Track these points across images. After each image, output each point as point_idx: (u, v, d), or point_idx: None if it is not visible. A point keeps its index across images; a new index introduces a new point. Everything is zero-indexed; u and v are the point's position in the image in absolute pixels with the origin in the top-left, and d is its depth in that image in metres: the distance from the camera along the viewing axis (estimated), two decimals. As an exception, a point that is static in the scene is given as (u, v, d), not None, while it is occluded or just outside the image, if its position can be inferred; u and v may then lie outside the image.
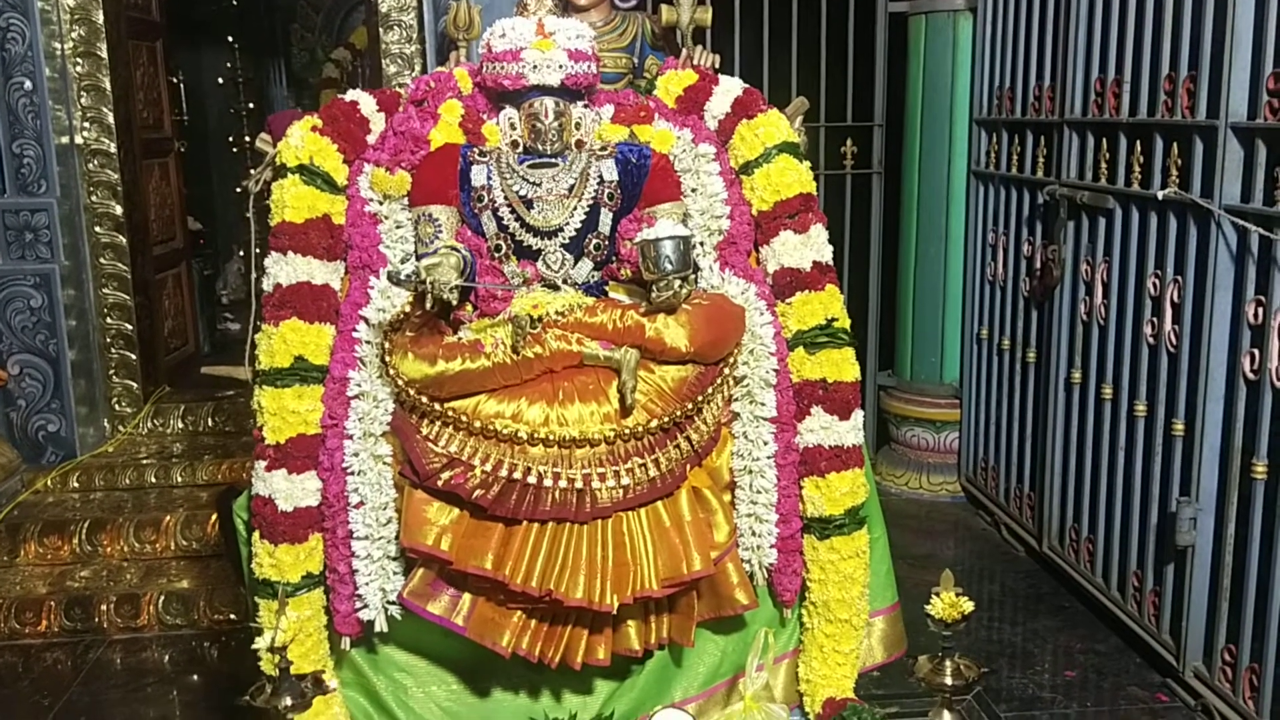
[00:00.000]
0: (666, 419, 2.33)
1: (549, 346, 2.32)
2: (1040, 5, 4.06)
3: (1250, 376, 2.92)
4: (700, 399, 2.39)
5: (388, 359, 2.36)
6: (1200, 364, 3.09)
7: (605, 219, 2.51)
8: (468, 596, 2.35)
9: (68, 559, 3.97)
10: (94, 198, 4.49)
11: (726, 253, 2.58)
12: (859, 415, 2.56)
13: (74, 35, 4.38)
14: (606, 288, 2.54)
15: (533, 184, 2.48)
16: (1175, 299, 3.23)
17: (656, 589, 2.31)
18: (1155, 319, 3.34)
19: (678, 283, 2.32)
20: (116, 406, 4.66)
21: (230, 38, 7.47)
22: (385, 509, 2.38)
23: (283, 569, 2.39)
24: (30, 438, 4.48)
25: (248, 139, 7.13)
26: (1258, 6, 2.87)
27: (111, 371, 4.62)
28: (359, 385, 2.39)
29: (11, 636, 3.71)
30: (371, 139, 2.56)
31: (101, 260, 4.54)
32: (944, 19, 4.68)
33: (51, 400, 4.47)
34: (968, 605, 2.20)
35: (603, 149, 2.54)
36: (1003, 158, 4.40)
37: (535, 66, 2.44)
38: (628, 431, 2.30)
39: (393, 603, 2.39)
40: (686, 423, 2.38)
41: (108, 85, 4.46)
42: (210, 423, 4.76)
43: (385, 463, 2.38)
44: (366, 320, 2.42)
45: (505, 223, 2.48)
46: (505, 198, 2.48)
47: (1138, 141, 3.41)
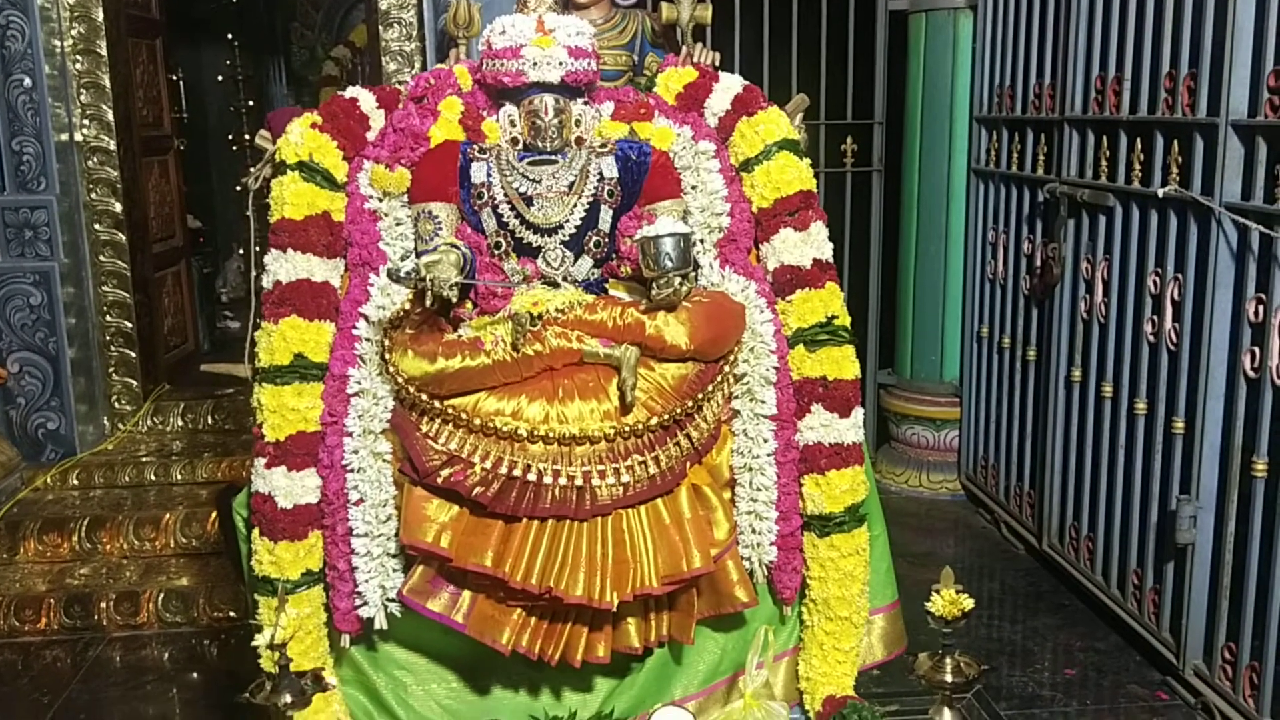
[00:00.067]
0: (666, 416, 2.33)
1: (549, 344, 2.32)
2: (1040, 3, 4.05)
3: (1250, 374, 2.91)
4: (700, 396, 2.39)
5: (387, 356, 2.36)
6: (1200, 362, 3.09)
7: (605, 216, 2.50)
8: (468, 594, 2.35)
9: (67, 556, 3.97)
10: (93, 195, 4.49)
11: (727, 250, 2.57)
12: (859, 413, 2.55)
13: (74, 33, 4.38)
14: (606, 285, 2.54)
15: (533, 181, 2.47)
16: (1175, 297, 3.23)
17: (656, 586, 2.31)
18: (1155, 317, 3.34)
19: (678, 280, 2.32)
20: (116, 404, 4.66)
21: (230, 35, 7.46)
22: (385, 506, 2.37)
23: (282, 566, 2.38)
24: (30, 435, 4.48)
25: (247, 137, 7.12)
26: (1258, 4, 2.87)
27: (111, 369, 4.62)
28: (359, 382, 2.39)
29: (11, 634, 3.71)
30: (371, 136, 2.55)
31: (101, 258, 4.54)
32: (944, 16, 4.67)
33: (51, 398, 4.47)
34: (968, 602, 2.20)
35: (603, 146, 2.54)
36: (1003, 155, 4.39)
37: (535, 63, 2.44)
38: (628, 429, 2.29)
39: (392, 600, 2.39)
40: (686, 420, 2.37)
41: (107, 82, 4.46)
42: (210, 421, 4.76)
43: (385, 460, 2.37)
44: (366, 317, 2.42)
45: (505, 220, 2.48)
46: (505, 195, 2.47)
47: (1138, 139, 3.40)
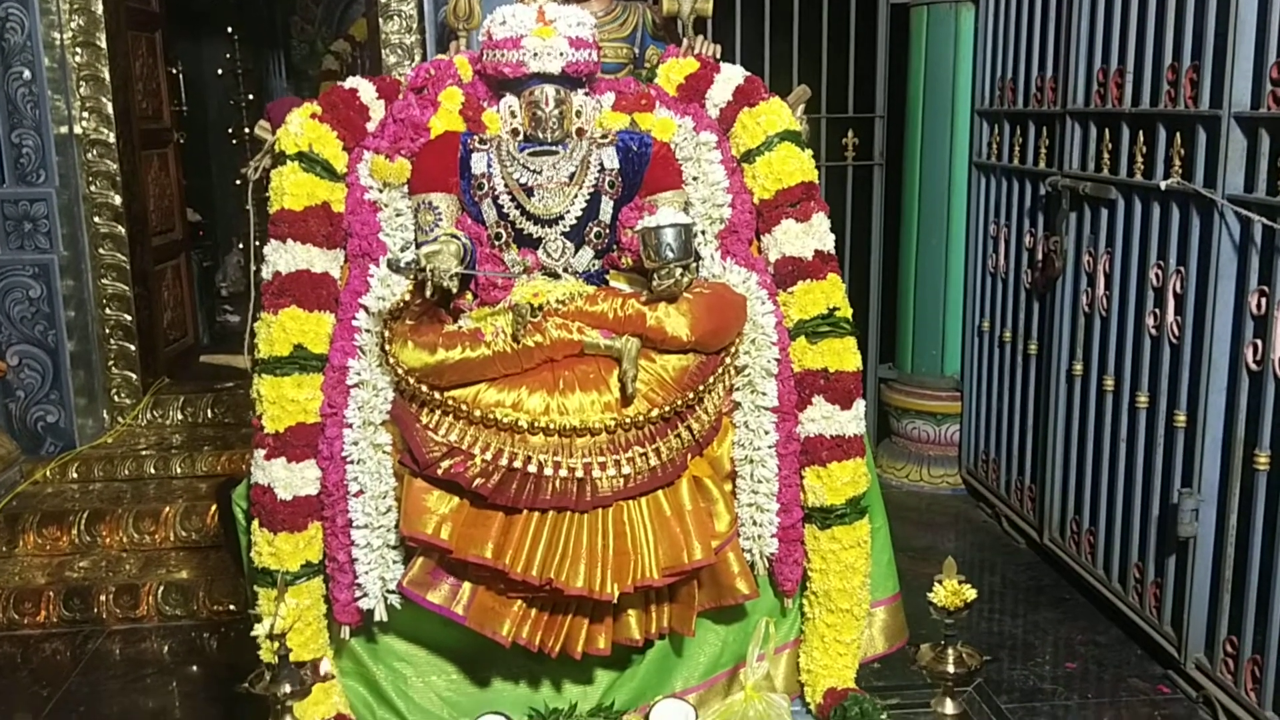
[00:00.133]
0: (667, 408, 2.32)
1: (549, 335, 2.31)
2: (1042, -4, 4.05)
3: (1253, 367, 2.91)
4: (701, 388, 2.38)
5: (387, 347, 2.35)
6: (1203, 355, 3.08)
7: (606, 207, 2.49)
8: (468, 585, 2.34)
9: (66, 550, 3.97)
10: (93, 188, 4.48)
11: (728, 241, 2.56)
12: (860, 405, 2.55)
13: (73, 25, 4.37)
14: (607, 276, 2.52)
15: (533, 172, 2.47)
16: (1178, 290, 3.22)
17: (657, 578, 2.31)
18: (1157, 310, 3.33)
19: (679, 271, 2.31)
20: (115, 398, 4.65)
21: (230, 29, 7.44)
22: (385, 498, 2.37)
23: (282, 558, 2.38)
24: (29, 429, 4.48)
25: (247, 131, 7.09)
26: (1261, -5, 2.86)
27: (110, 362, 4.62)
28: (358, 374, 2.38)
29: (10, 627, 3.71)
30: (371, 126, 2.54)
31: (100, 251, 4.54)
32: (946, 10, 4.66)
33: (50, 391, 4.46)
34: (970, 593, 2.19)
35: (603, 137, 2.53)
36: (1004, 149, 4.38)
37: (536, 54, 2.43)
38: (628, 420, 2.29)
39: (392, 592, 2.39)
40: (687, 412, 2.37)
41: (107, 75, 4.45)
42: (209, 414, 4.76)
43: (385, 451, 2.37)
44: (366, 308, 2.41)
45: (505, 211, 2.47)
46: (505, 185, 2.46)
47: (1140, 132, 3.39)
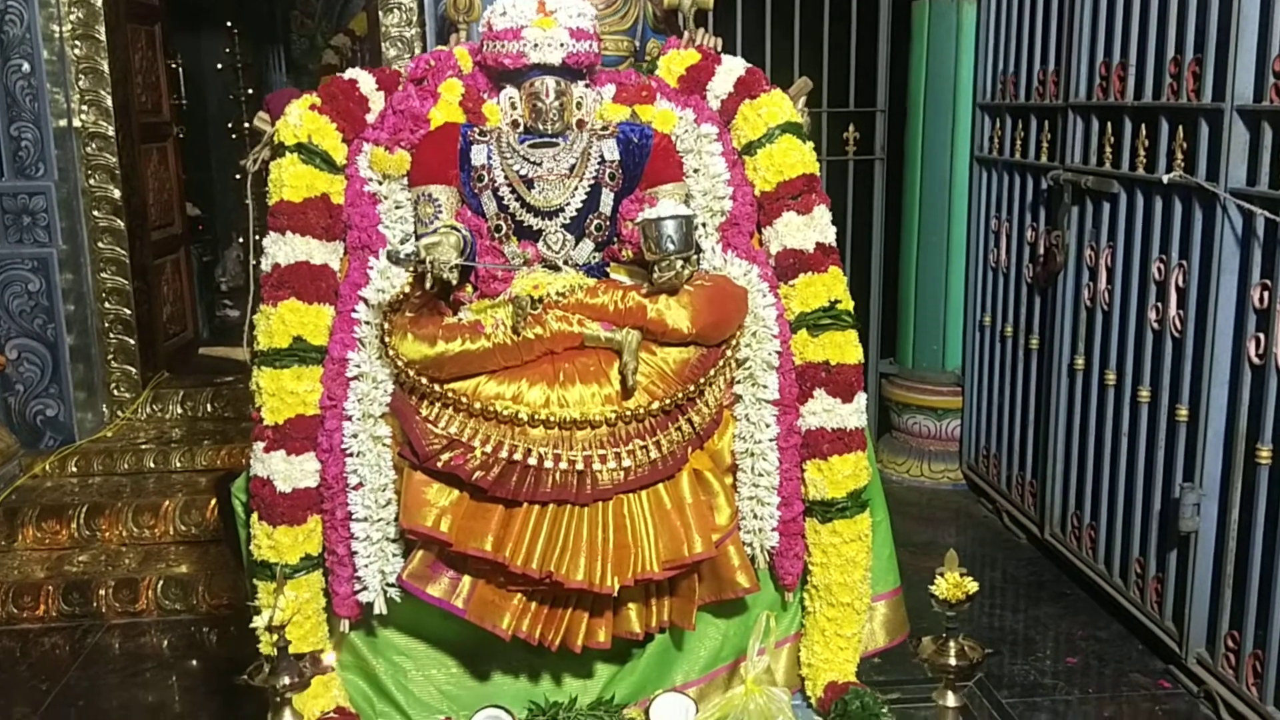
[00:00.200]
0: (668, 401, 2.31)
1: (550, 328, 2.30)
2: (1044, -11, 4.04)
3: (1255, 361, 2.90)
4: (702, 381, 2.37)
5: (387, 340, 2.34)
6: (1205, 349, 3.07)
7: (606, 199, 2.48)
8: (467, 579, 2.34)
9: (66, 544, 3.96)
10: (92, 181, 4.47)
11: (729, 234, 2.55)
12: (861, 398, 2.53)
13: (72, 18, 4.36)
14: (608, 269, 2.52)
15: (533, 164, 2.45)
16: (1180, 283, 3.21)
17: (657, 571, 2.30)
18: (1159, 304, 3.32)
19: (680, 263, 2.30)
20: (115, 392, 4.65)
21: (229, 23, 7.43)
22: (384, 491, 2.36)
23: (281, 551, 2.37)
24: (28, 422, 4.47)
25: (247, 125, 7.10)
26: (1264, -12, 2.85)
27: (110, 356, 4.61)
28: (358, 366, 2.37)
29: (9, 621, 3.71)
30: (371, 118, 2.53)
31: (100, 244, 4.53)
32: (947, 3, 4.65)
33: (50, 385, 4.45)
34: (972, 585, 2.18)
35: (604, 129, 2.52)
36: (1006, 143, 4.37)
37: (536, 45, 2.42)
38: (629, 413, 2.28)
39: (392, 585, 2.38)
40: (688, 405, 2.36)
41: (106, 68, 4.44)
42: (209, 408, 4.75)
43: (384, 444, 2.36)
44: (366, 301, 2.40)
45: (505, 203, 2.46)
46: (505, 177, 2.45)
47: (1143, 125, 3.38)
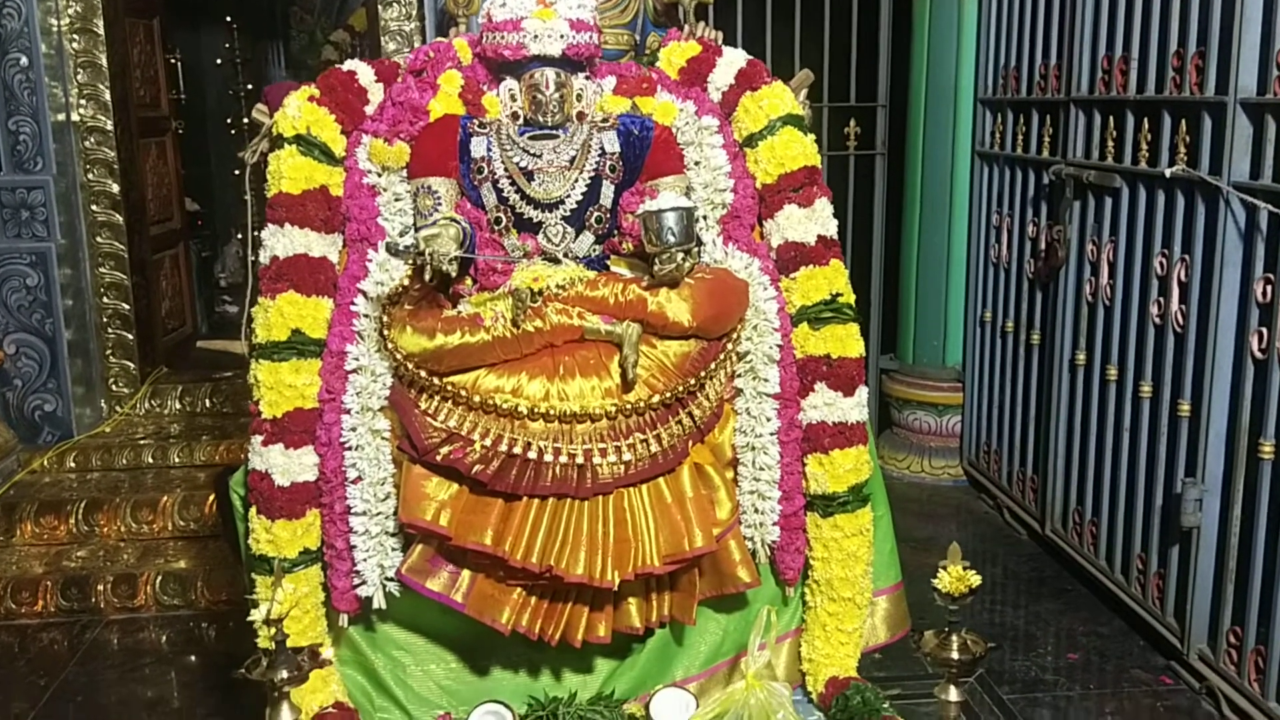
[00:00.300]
0: (669, 394, 2.30)
1: (549, 320, 2.29)
2: (1046, -17, 4.02)
3: (1258, 355, 2.89)
4: (703, 374, 2.36)
5: (386, 333, 2.33)
6: (1207, 343, 3.06)
7: (607, 191, 2.47)
8: (467, 573, 2.33)
9: (64, 539, 3.95)
10: (90, 176, 4.46)
11: (730, 227, 2.54)
12: (863, 391, 2.52)
13: (71, 11, 4.34)
14: (608, 261, 2.50)
15: (533, 156, 2.44)
16: (1182, 278, 3.20)
17: (658, 565, 2.29)
18: (1162, 298, 3.31)
19: (680, 255, 2.29)
20: (113, 387, 4.63)
21: (229, 18, 7.41)
22: (383, 484, 2.35)
23: (280, 545, 2.36)
24: (26, 418, 4.46)
25: (246, 121, 7.08)
26: (1268, -20, 2.84)
27: (108, 351, 4.59)
28: (357, 359, 2.36)
29: (8, 616, 3.70)
30: (370, 110, 2.52)
31: (98, 239, 4.51)
32: (949, -2, 4.64)
33: (48, 380, 4.44)
34: (975, 579, 2.17)
35: (604, 121, 2.50)
36: (1008, 138, 4.36)
37: (536, 36, 2.40)
38: (629, 407, 2.27)
39: (391, 579, 2.37)
40: (689, 398, 2.35)
41: (104, 62, 4.42)
42: (208, 404, 4.74)
43: (383, 438, 2.35)
44: (365, 293, 2.39)
45: (505, 195, 2.45)
46: (505, 170, 2.44)
47: (1145, 119, 3.37)
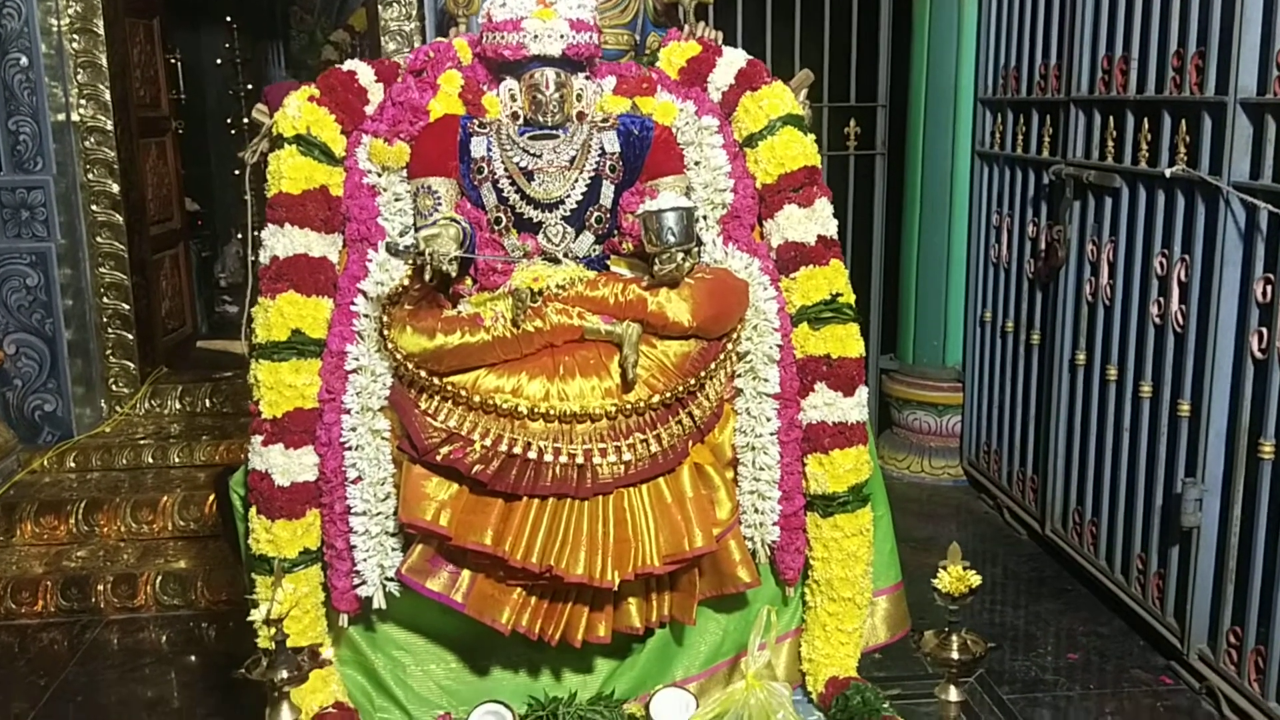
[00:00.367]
0: (669, 394, 2.30)
1: (549, 320, 2.29)
2: (1046, -17, 4.02)
3: (1258, 355, 2.89)
4: (703, 374, 2.36)
5: (386, 333, 2.33)
6: (1207, 343, 3.06)
7: (607, 191, 2.47)
8: (467, 573, 2.32)
9: (64, 539, 3.95)
10: (90, 176, 4.46)
11: (730, 227, 2.54)
12: (863, 392, 2.52)
13: (70, 11, 4.34)
14: (608, 261, 2.50)
15: (533, 156, 2.44)
16: (1182, 278, 3.20)
17: (658, 565, 2.29)
18: (1162, 298, 3.31)
19: (681, 255, 2.29)
20: (113, 387, 4.63)
21: (229, 18, 7.41)
22: (383, 484, 2.35)
23: (280, 545, 2.36)
24: (26, 418, 4.46)
25: (246, 121, 7.08)
26: (1268, -20, 2.84)
27: (108, 351, 4.59)
28: (357, 359, 2.36)
29: (8, 616, 3.70)
30: (370, 110, 2.52)
31: (98, 239, 4.51)
32: (949, -2, 4.64)
33: (48, 380, 4.44)
34: (975, 578, 2.17)
35: (604, 121, 2.50)
36: (1008, 138, 4.35)
37: (536, 36, 2.40)
38: (629, 407, 2.27)
39: (391, 579, 2.37)
40: (689, 398, 2.35)
41: (104, 62, 4.42)
42: (208, 404, 4.74)
43: (383, 438, 2.35)
44: (365, 293, 2.39)
45: (505, 195, 2.45)
46: (505, 169, 2.44)
47: (1145, 119, 3.37)
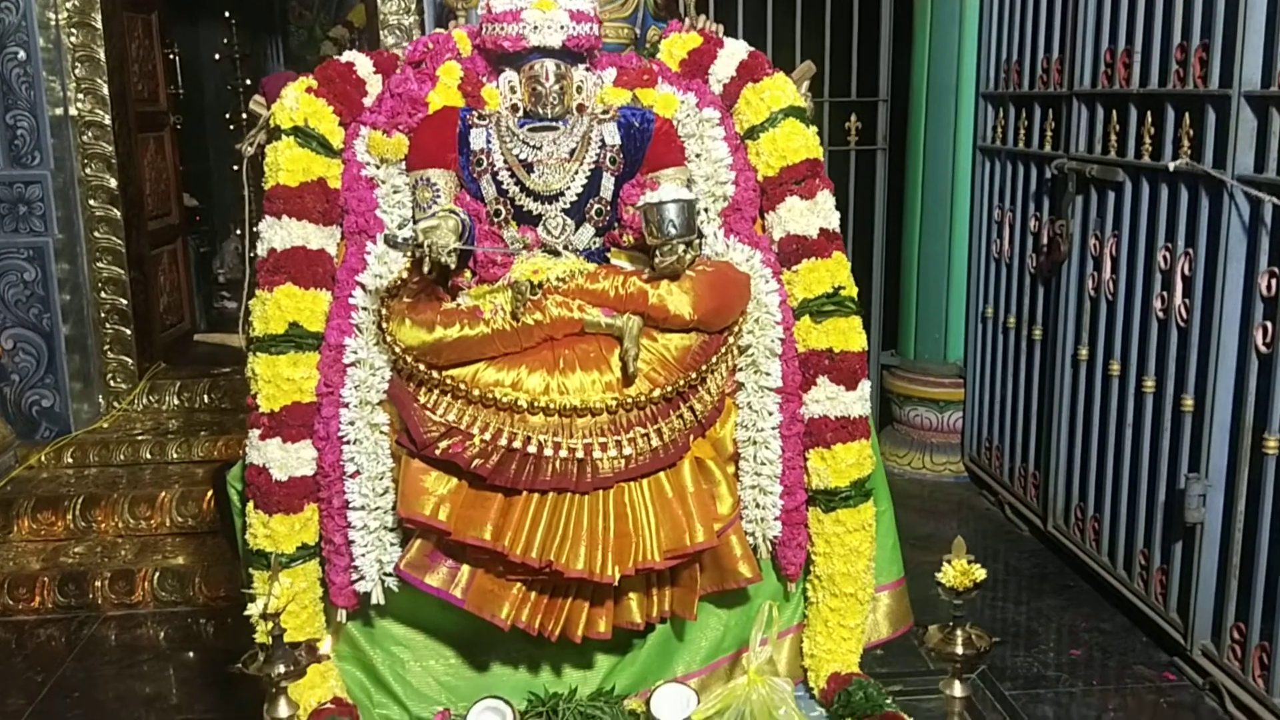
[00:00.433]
0: (669, 388, 2.28)
1: (549, 313, 2.27)
2: (1049, -24, 4.00)
3: (1262, 350, 2.87)
4: (704, 368, 2.34)
5: (385, 326, 2.31)
6: (1211, 338, 3.05)
7: (607, 184, 2.45)
8: (466, 568, 2.30)
9: (62, 535, 3.94)
10: (88, 170, 4.45)
11: (731, 219, 2.52)
12: (865, 386, 2.50)
13: (68, 5, 4.33)
14: (608, 254, 2.48)
15: (533, 148, 2.42)
16: (1186, 272, 3.18)
17: (658, 560, 2.27)
18: (1165, 293, 3.29)
19: (682, 247, 2.27)
20: (111, 382, 4.62)
21: (227, 13, 7.39)
22: (382, 479, 2.33)
23: (277, 540, 2.34)
24: (24, 413, 4.45)
25: (245, 117, 7.06)
26: (1273, -28, 2.82)
27: (106, 347, 4.58)
28: (355, 352, 2.34)
29: (5, 612, 3.69)
30: (368, 101, 2.49)
31: (96, 234, 4.50)
32: (950, -8, 4.62)
33: (45, 375, 4.43)
34: (980, 573, 2.14)
35: (604, 112, 2.48)
36: (1009, 132, 4.34)
37: (536, 27, 2.38)
38: (630, 401, 2.25)
39: (389, 574, 2.34)
40: (690, 392, 2.33)
41: (102, 56, 4.41)
42: (206, 399, 4.73)
43: (382, 431, 2.32)
44: (363, 286, 2.36)
45: (505, 187, 2.43)
46: (505, 162, 2.42)
47: (1148, 112, 3.35)
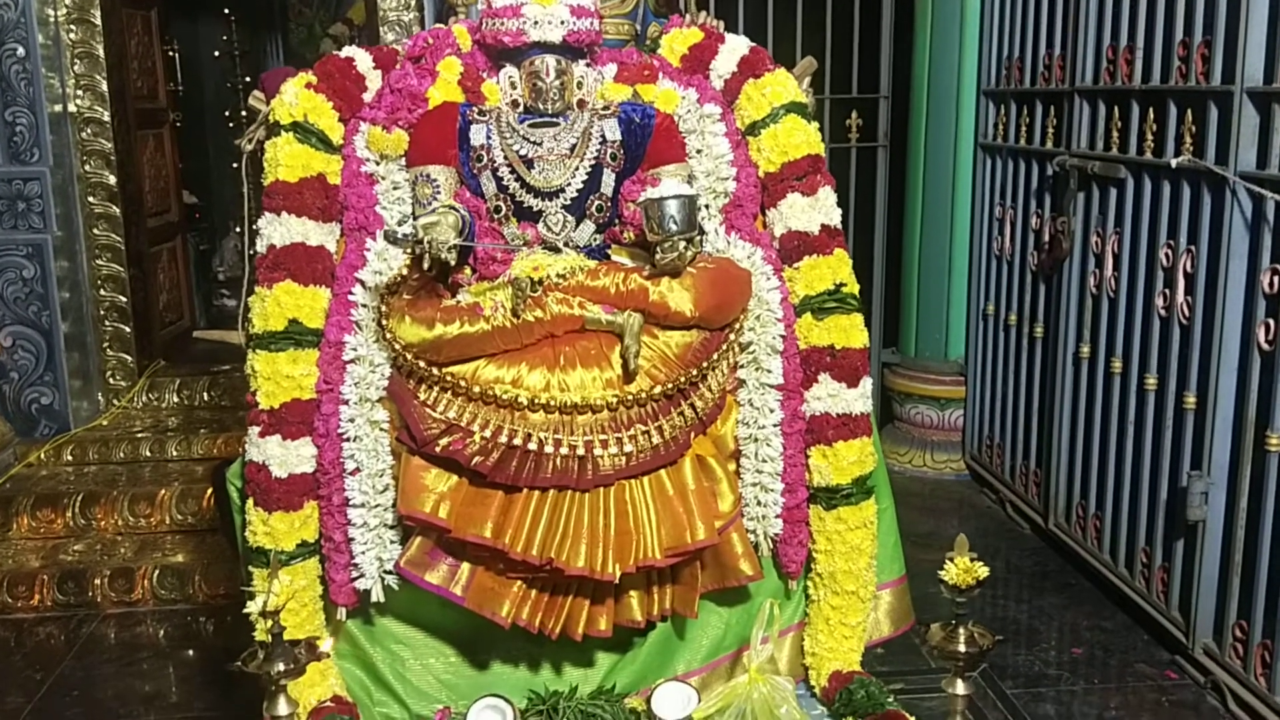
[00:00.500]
0: (670, 385, 2.27)
1: (550, 310, 2.26)
2: (1050, -27, 3.99)
3: (1265, 347, 2.86)
4: (705, 365, 2.33)
5: (384, 322, 2.30)
6: (1213, 335, 3.04)
7: (608, 180, 2.44)
8: (466, 566, 2.30)
9: (61, 533, 3.94)
10: (87, 167, 4.43)
11: (732, 216, 2.51)
12: (867, 383, 2.49)
13: (67, 1, 4.33)
14: (609, 251, 2.47)
15: (533, 144, 2.41)
16: (1188, 269, 3.17)
17: (659, 558, 2.26)
18: (1167, 290, 3.28)
19: (683, 244, 2.26)
20: (110, 380, 4.61)
21: (226, 10, 7.38)
22: (382, 476, 2.32)
23: (277, 537, 2.33)
24: (23, 411, 4.44)
25: (244, 114, 7.05)
26: (1276, -32, 2.81)
27: (105, 344, 4.57)
28: (355, 349, 2.33)
29: (4, 610, 3.68)
30: (368, 97, 2.48)
31: (95, 231, 4.49)
32: (951, -12, 4.61)
33: (44, 373, 4.42)
34: (983, 570, 2.14)
35: (605, 108, 2.47)
36: (1011, 129, 4.33)
37: (536, 22, 2.37)
38: (630, 398, 2.24)
39: (390, 572, 2.34)
40: (691, 389, 2.32)
41: (101, 53, 4.40)
42: (205, 397, 4.72)
43: (382, 429, 2.32)
44: (363, 283, 2.35)
45: (505, 183, 2.42)
46: (505, 157, 2.41)
47: (1150, 109, 3.34)
